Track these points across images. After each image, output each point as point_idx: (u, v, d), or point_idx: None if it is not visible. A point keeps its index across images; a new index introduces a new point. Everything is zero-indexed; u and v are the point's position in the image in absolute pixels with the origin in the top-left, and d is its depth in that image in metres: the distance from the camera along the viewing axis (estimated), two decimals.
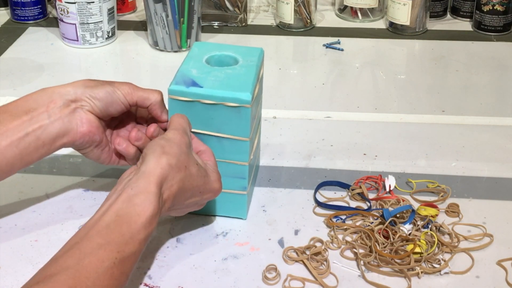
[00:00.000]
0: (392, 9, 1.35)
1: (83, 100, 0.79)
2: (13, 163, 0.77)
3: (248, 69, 0.83)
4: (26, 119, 0.77)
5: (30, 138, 0.77)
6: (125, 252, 0.66)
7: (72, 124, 0.79)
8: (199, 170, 0.75)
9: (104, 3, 1.28)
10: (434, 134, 1.04)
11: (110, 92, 0.80)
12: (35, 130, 0.77)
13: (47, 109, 0.78)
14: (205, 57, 0.85)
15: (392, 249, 0.79)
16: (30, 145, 0.77)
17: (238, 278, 0.77)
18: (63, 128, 0.78)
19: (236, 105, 0.78)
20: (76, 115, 0.79)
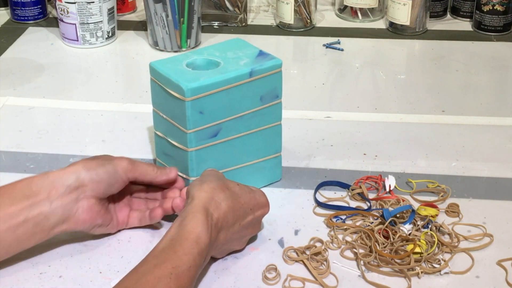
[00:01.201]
0: (392, 9, 1.35)
1: (85, 186, 0.77)
2: (9, 248, 0.76)
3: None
4: (26, 204, 0.75)
5: (29, 225, 0.75)
6: (180, 267, 0.68)
7: (73, 212, 0.77)
8: (242, 188, 0.78)
9: (104, 3, 1.28)
10: (434, 134, 1.04)
11: (112, 172, 0.79)
12: (35, 217, 0.75)
13: (49, 196, 0.76)
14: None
15: (392, 249, 0.79)
16: (28, 231, 0.75)
17: (238, 278, 0.77)
18: (63, 216, 0.77)
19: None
20: (78, 203, 0.77)
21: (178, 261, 0.69)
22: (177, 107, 0.82)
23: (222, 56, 0.86)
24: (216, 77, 0.82)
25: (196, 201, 0.74)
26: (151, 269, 0.67)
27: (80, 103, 1.13)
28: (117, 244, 0.82)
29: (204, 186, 0.76)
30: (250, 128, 0.86)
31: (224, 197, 0.75)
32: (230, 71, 0.83)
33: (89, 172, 0.78)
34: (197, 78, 0.81)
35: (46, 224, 0.76)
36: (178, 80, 0.81)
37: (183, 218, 0.73)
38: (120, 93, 1.17)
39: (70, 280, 0.77)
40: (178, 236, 0.71)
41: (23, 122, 1.08)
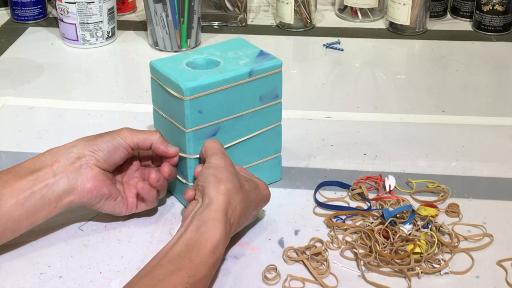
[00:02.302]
0: (392, 9, 1.35)
1: (87, 155, 0.80)
2: (19, 222, 0.77)
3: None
4: (32, 178, 0.78)
5: (36, 197, 0.78)
6: (195, 276, 0.69)
7: (77, 182, 0.79)
8: (250, 185, 0.79)
9: (104, 3, 1.28)
10: (434, 134, 1.04)
11: (110, 140, 0.81)
12: (41, 189, 0.78)
13: (52, 168, 0.79)
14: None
15: (392, 249, 0.79)
16: (36, 203, 0.78)
17: (238, 278, 0.77)
18: (68, 186, 0.79)
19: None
20: (82, 172, 0.79)
21: (195, 270, 0.69)
22: (176, 106, 0.82)
23: (223, 56, 0.86)
24: (215, 76, 0.82)
25: (215, 206, 0.74)
26: (167, 275, 0.68)
27: (80, 103, 1.13)
28: (117, 244, 0.82)
29: (221, 188, 0.76)
30: (249, 128, 0.86)
31: (239, 200, 0.76)
32: (230, 71, 0.83)
33: (88, 143, 0.81)
34: (196, 77, 0.81)
35: (52, 195, 0.78)
36: (177, 79, 0.81)
37: (201, 223, 0.73)
38: (120, 93, 1.17)
39: (70, 280, 0.77)
40: (196, 242, 0.71)
41: (23, 122, 1.08)
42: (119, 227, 0.84)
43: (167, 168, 0.83)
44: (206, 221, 0.73)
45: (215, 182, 0.76)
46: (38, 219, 0.79)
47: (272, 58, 0.85)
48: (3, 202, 0.76)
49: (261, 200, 0.81)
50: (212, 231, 0.72)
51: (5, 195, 0.76)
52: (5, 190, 0.77)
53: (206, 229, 0.72)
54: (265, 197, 0.82)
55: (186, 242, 0.71)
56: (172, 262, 0.69)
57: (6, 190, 0.77)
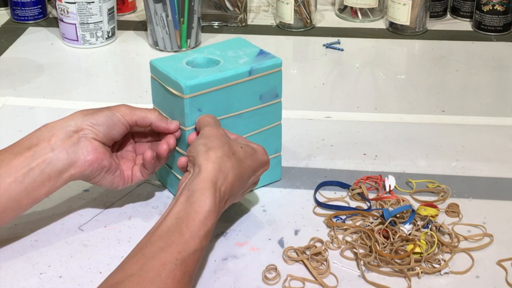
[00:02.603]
0: (392, 9, 1.35)
1: (85, 129, 0.79)
2: (20, 200, 0.76)
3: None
4: (29, 155, 0.76)
5: (35, 173, 0.76)
6: (185, 251, 0.68)
7: (78, 154, 0.78)
8: (245, 151, 0.77)
9: (104, 3, 1.28)
10: (434, 134, 1.04)
11: (110, 115, 0.81)
12: (39, 164, 0.76)
13: (50, 143, 0.77)
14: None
15: (392, 249, 0.79)
16: (36, 180, 0.76)
17: (238, 278, 0.77)
18: (68, 160, 0.78)
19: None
20: (81, 145, 0.78)
21: (184, 244, 0.68)
22: (176, 104, 0.82)
23: (222, 55, 0.86)
24: (215, 75, 0.82)
25: (204, 175, 0.73)
26: (156, 253, 0.67)
27: (80, 103, 1.13)
28: (117, 244, 0.82)
29: (211, 155, 0.74)
30: (249, 127, 0.86)
31: (231, 166, 0.75)
32: (229, 70, 0.83)
33: (87, 117, 0.80)
34: (196, 76, 0.81)
35: (52, 170, 0.77)
36: (177, 78, 0.81)
37: (190, 193, 0.71)
38: (120, 93, 1.17)
39: (70, 280, 0.77)
40: (186, 215, 0.70)
41: (23, 122, 1.08)
42: (119, 227, 0.85)
43: (173, 140, 0.82)
44: (195, 190, 0.71)
45: (204, 151, 0.75)
46: (39, 195, 0.77)
47: (272, 57, 0.85)
48: (1, 182, 0.75)
49: (258, 166, 0.79)
50: (201, 201, 0.71)
51: (2, 174, 0.75)
52: (2, 169, 0.75)
53: (195, 199, 0.71)
54: (262, 163, 0.80)
55: (176, 215, 0.70)
56: (162, 238, 0.68)
57: (3, 169, 0.75)
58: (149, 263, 0.66)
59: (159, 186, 0.92)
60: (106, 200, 0.89)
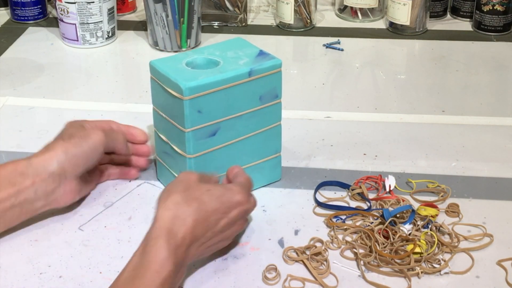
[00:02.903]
0: (392, 9, 1.35)
1: (66, 170, 0.82)
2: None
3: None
4: (12, 191, 0.79)
5: (16, 209, 0.80)
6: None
7: (56, 195, 0.83)
8: (212, 194, 0.75)
9: (104, 3, 1.28)
10: (434, 134, 1.04)
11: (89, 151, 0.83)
12: (21, 203, 0.80)
13: (33, 183, 0.80)
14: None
15: (392, 249, 0.79)
16: (15, 214, 0.80)
17: (238, 278, 0.77)
18: (47, 200, 0.82)
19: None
20: (61, 187, 0.83)
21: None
22: (176, 105, 0.82)
23: (222, 56, 0.86)
24: (215, 76, 0.82)
25: (158, 223, 0.71)
26: None
27: (80, 103, 1.13)
28: (117, 244, 0.82)
29: (168, 203, 0.73)
30: (249, 128, 0.86)
31: (190, 212, 0.72)
32: (229, 71, 0.83)
33: (68, 156, 0.82)
34: (196, 77, 0.81)
35: (31, 207, 0.81)
36: (177, 79, 0.81)
37: (146, 242, 0.70)
38: (120, 93, 1.17)
39: (70, 280, 0.77)
40: (140, 266, 0.69)
41: (23, 122, 1.08)
42: (119, 227, 0.85)
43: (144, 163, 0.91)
44: (149, 240, 0.70)
45: (164, 198, 0.74)
46: (12, 225, 0.82)
47: (272, 58, 0.85)
48: None
49: (228, 207, 0.75)
50: (155, 250, 0.69)
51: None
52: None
53: (148, 249, 0.69)
54: (235, 203, 0.76)
55: (132, 267, 0.69)
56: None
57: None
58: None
59: (159, 186, 0.92)
60: (106, 200, 0.89)
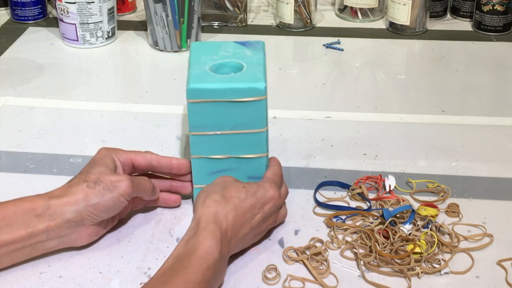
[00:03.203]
0: (392, 9, 1.35)
1: (84, 218, 0.77)
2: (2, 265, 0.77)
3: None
4: (25, 234, 0.75)
5: (26, 250, 0.77)
6: (190, 282, 0.68)
7: (70, 239, 0.78)
8: (247, 191, 0.78)
9: (104, 3, 1.28)
10: (434, 134, 1.04)
11: (112, 203, 0.77)
12: (32, 245, 0.76)
13: (47, 229, 0.76)
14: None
15: (392, 249, 0.79)
16: (24, 254, 0.77)
17: (238, 278, 0.77)
18: (60, 243, 0.78)
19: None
20: (76, 231, 0.78)
21: (188, 275, 0.68)
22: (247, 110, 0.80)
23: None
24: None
25: (203, 219, 0.74)
26: (160, 286, 0.67)
27: (80, 103, 1.13)
28: (117, 244, 0.82)
29: (207, 202, 0.76)
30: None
31: (229, 209, 0.76)
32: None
33: (89, 206, 0.77)
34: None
35: (42, 248, 0.77)
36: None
37: (189, 236, 0.73)
38: (120, 93, 1.17)
39: (70, 280, 0.77)
40: (186, 252, 0.71)
41: (23, 122, 1.08)
42: (119, 227, 0.84)
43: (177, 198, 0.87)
44: (194, 233, 0.73)
45: (203, 198, 0.77)
46: (19, 261, 0.78)
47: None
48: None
49: (263, 203, 0.78)
50: (200, 239, 0.72)
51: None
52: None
53: (194, 240, 0.72)
54: (268, 198, 0.79)
55: (176, 255, 0.71)
56: (164, 274, 0.69)
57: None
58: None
59: None
60: None
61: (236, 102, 0.80)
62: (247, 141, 0.82)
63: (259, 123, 0.82)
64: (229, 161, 0.83)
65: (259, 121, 0.82)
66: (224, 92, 0.79)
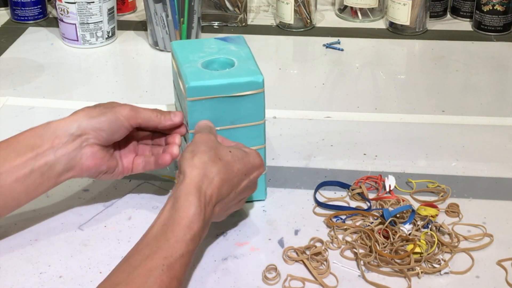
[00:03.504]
0: (392, 9, 1.35)
1: (88, 133, 0.79)
2: (19, 198, 0.78)
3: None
4: (31, 155, 0.77)
5: (36, 175, 0.77)
6: (172, 256, 0.68)
7: (77, 159, 0.79)
8: (234, 155, 0.77)
9: (104, 3, 1.28)
10: (434, 134, 1.04)
11: (113, 120, 0.80)
12: (41, 167, 0.77)
13: (52, 145, 0.78)
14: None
15: (392, 249, 0.79)
16: (36, 181, 0.77)
17: (238, 278, 0.77)
18: (68, 164, 0.79)
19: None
20: (82, 151, 0.79)
21: (170, 249, 0.68)
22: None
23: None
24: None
25: (188, 180, 0.73)
26: (142, 260, 0.67)
27: (80, 103, 1.12)
28: (117, 244, 0.82)
29: (195, 161, 0.74)
30: None
31: (217, 171, 0.74)
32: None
33: (91, 120, 0.79)
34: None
35: (52, 173, 0.78)
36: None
37: (175, 199, 0.72)
38: (120, 93, 1.17)
39: (70, 280, 0.77)
40: (171, 221, 0.70)
41: (23, 122, 1.07)
42: (119, 227, 0.85)
43: (176, 150, 0.83)
44: (179, 196, 0.72)
45: (190, 157, 0.75)
46: (37, 194, 0.79)
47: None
48: (3, 181, 0.76)
49: (250, 169, 0.78)
50: (185, 206, 0.71)
51: (4, 174, 0.76)
52: (4, 167, 0.76)
53: (179, 205, 0.71)
54: (255, 166, 0.78)
55: (162, 222, 0.70)
56: (148, 246, 0.69)
57: (5, 168, 0.76)
58: (135, 271, 0.66)
59: (159, 186, 0.92)
60: (106, 200, 0.89)
61: (236, 97, 0.81)
62: (246, 134, 0.84)
63: (257, 115, 0.83)
64: None
65: (257, 114, 0.83)
66: (224, 88, 0.81)
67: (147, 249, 0.68)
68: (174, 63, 0.88)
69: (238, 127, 0.83)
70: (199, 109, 0.81)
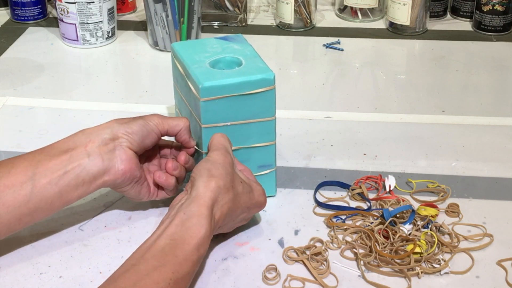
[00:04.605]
0: (392, 9, 1.35)
1: (120, 137, 0.80)
2: (53, 202, 0.77)
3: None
4: (65, 158, 0.77)
5: (70, 176, 0.77)
6: (179, 273, 0.68)
7: (112, 162, 0.79)
8: (244, 188, 0.78)
9: (104, 3, 1.28)
10: (434, 134, 1.04)
11: (144, 124, 0.81)
12: (74, 168, 0.77)
13: (86, 148, 0.78)
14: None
15: (392, 249, 0.79)
16: (70, 183, 0.77)
17: (238, 278, 0.77)
18: (103, 167, 0.78)
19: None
20: (116, 153, 0.79)
21: (179, 266, 0.69)
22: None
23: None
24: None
25: (202, 202, 0.73)
26: (150, 271, 0.67)
27: (80, 103, 1.13)
28: (117, 244, 0.82)
29: (212, 184, 0.75)
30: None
31: (228, 199, 0.76)
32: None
33: (122, 125, 0.80)
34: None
35: (86, 175, 0.78)
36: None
37: (187, 217, 0.72)
38: (120, 93, 1.17)
39: (70, 280, 0.77)
40: (180, 238, 0.71)
41: (23, 122, 1.08)
42: (119, 227, 0.85)
43: (184, 157, 0.84)
44: (192, 216, 0.72)
45: (207, 177, 0.76)
46: (71, 199, 0.78)
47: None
48: (36, 182, 0.76)
49: (253, 205, 0.80)
50: (197, 227, 0.72)
51: (38, 174, 0.76)
52: (38, 169, 0.76)
53: (191, 224, 0.72)
54: (258, 203, 0.80)
55: (170, 236, 0.71)
56: (156, 257, 0.69)
57: (39, 169, 0.76)
58: (142, 280, 0.66)
59: None
60: (106, 200, 0.89)
61: (248, 95, 0.82)
62: (257, 131, 0.85)
63: (268, 112, 0.85)
64: (240, 152, 0.85)
65: (268, 110, 0.85)
66: (237, 86, 0.82)
67: (155, 261, 0.68)
68: (178, 65, 0.88)
69: (249, 124, 0.84)
70: (212, 109, 0.82)
